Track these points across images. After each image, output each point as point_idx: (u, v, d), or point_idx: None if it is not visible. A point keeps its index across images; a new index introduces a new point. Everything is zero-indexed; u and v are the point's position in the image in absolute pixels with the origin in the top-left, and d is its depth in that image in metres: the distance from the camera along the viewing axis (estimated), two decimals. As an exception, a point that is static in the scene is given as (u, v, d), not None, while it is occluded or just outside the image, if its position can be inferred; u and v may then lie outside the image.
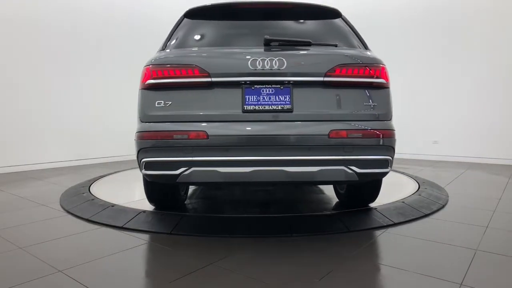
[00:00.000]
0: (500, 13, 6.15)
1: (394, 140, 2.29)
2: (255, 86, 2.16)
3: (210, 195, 3.56)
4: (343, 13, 2.68)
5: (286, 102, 2.15)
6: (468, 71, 6.45)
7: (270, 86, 2.17)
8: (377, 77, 2.23)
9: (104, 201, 3.15)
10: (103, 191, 3.61)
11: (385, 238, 2.34)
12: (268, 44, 2.27)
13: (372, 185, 2.74)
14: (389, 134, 2.23)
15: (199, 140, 2.09)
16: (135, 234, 2.44)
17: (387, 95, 2.30)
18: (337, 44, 2.41)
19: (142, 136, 2.19)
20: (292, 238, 2.36)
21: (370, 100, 2.23)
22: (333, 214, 2.67)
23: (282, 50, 2.25)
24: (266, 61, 2.15)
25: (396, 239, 2.34)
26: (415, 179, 4.30)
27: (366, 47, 2.49)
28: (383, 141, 2.19)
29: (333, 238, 2.37)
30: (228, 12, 2.64)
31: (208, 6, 2.62)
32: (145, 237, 2.39)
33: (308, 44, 2.33)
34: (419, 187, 3.75)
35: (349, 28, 2.59)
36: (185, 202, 3.18)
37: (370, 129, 2.17)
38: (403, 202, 3.08)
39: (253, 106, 2.14)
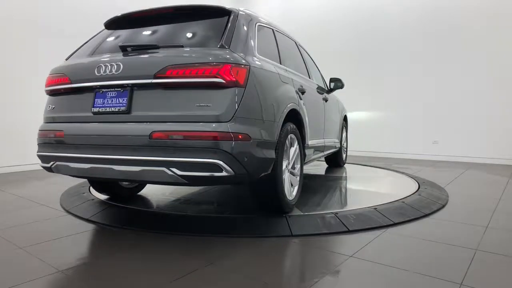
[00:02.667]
0: (500, 14, 6.16)
1: (231, 143, 2.07)
2: (103, 90, 2.36)
3: (214, 196, 3.56)
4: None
5: (123, 104, 2.26)
6: (468, 71, 6.46)
7: (113, 89, 2.32)
8: (212, 77, 2.10)
9: (104, 201, 3.15)
10: (103, 191, 3.61)
11: (385, 238, 2.35)
12: (125, 50, 2.39)
13: (264, 188, 2.54)
14: (220, 137, 2.05)
15: (60, 138, 2.45)
16: (135, 234, 2.44)
17: (228, 95, 2.13)
18: (183, 44, 2.36)
19: (38, 134, 2.64)
20: (292, 238, 2.36)
21: (203, 101, 2.11)
22: (333, 213, 2.67)
23: (128, 55, 2.36)
24: (108, 66, 2.31)
25: (396, 239, 2.34)
26: (415, 179, 4.30)
27: (228, 46, 2.30)
28: (211, 144, 2.04)
29: (333, 238, 2.37)
30: (135, 20, 2.75)
31: (119, 16, 2.78)
32: (145, 237, 2.39)
33: (155, 47, 2.35)
34: (419, 187, 3.75)
35: (225, 26, 2.44)
36: (183, 202, 3.19)
37: (194, 131, 2.06)
38: (403, 202, 3.08)
39: (98, 108, 2.34)
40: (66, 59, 2.73)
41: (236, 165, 2.09)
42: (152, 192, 3.57)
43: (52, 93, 2.64)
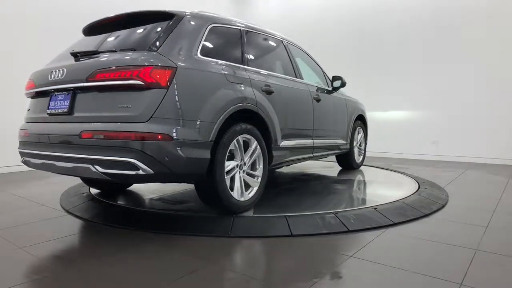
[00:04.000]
0: (500, 14, 6.16)
1: (147, 143, 2.12)
2: (55, 93, 2.57)
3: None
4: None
5: (65, 106, 2.46)
6: (468, 71, 6.46)
7: (61, 92, 2.52)
8: (132, 79, 2.18)
9: (104, 201, 3.15)
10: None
11: (385, 238, 2.35)
12: (76, 56, 2.54)
13: (204, 187, 2.58)
14: (135, 136, 2.12)
15: (26, 136, 2.74)
16: (135, 234, 2.44)
17: (147, 97, 2.18)
18: (117, 49, 2.47)
19: (18, 132, 2.88)
20: (292, 237, 2.36)
21: (124, 102, 2.21)
22: (333, 213, 2.67)
23: (76, 61, 2.51)
24: (56, 72, 2.52)
25: (396, 239, 2.35)
26: (415, 179, 4.30)
27: (156, 49, 2.34)
28: (126, 143, 2.13)
29: (333, 238, 2.37)
30: (101, 27, 2.88)
31: (88, 24, 2.96)
32: (146, 237, 2.39)
33: (96, 52, 2.50)
34: (419, 187, 3.74)
35: (162, 29, 2.50)
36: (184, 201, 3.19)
37: (112, 131, 2.17)
38: (403, 202, 3.08)
39: (51, 110, 2.56)
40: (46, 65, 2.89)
41: (156, 164, 2.16)
42: (150, 192, 3.57)
43: (28, 96, 2.91)
